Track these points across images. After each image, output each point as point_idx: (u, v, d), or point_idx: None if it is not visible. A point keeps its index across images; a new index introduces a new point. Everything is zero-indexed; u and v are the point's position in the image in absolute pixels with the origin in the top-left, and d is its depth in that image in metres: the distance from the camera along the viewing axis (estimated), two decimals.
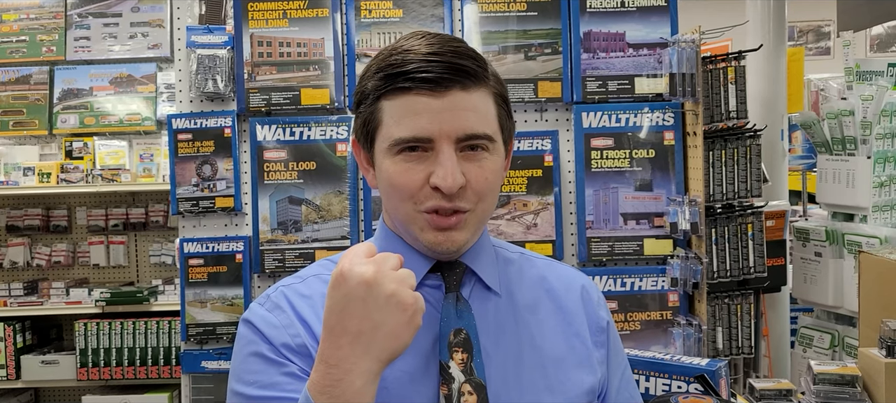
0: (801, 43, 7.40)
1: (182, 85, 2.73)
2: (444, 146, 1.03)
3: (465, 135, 1.04)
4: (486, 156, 1.06)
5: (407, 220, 1.08)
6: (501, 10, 2.67)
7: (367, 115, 1.09)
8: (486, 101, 1.07)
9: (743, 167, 2.52)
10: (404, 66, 1.04)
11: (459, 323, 1.08)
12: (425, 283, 1.11)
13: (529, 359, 1.10)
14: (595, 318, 1.18)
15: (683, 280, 2.53)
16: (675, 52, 2.52)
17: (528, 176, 2.64)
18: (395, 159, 1.06)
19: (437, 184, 1.02)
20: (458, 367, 1.06)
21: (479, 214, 1.08)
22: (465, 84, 1.04)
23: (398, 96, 1.05)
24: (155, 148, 4.12)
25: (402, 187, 1.05)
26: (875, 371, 1.97)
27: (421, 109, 1.03)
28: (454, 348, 1.06)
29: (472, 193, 1.05)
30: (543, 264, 1.21)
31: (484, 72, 1.07)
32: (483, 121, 1.06)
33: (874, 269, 2.29)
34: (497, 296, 1.14)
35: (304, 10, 2.68)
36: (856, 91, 2.82)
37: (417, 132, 1.03)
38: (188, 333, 2.66)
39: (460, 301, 1.09)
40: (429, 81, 1.03)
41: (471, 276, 1.13)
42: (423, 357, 1.06)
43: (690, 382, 1.88)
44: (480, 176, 1.05)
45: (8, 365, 4.01)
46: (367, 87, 1.09)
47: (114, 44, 4.20)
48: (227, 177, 2.67)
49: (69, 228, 4.33)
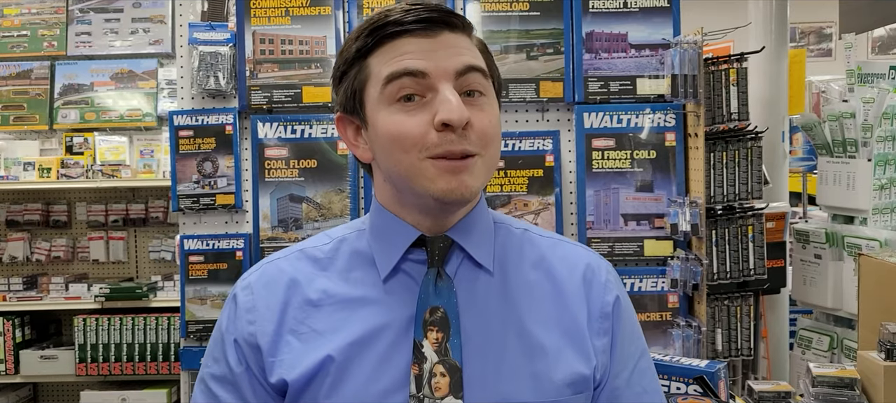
0: (802, 44, 7.40)
1: (184, 81, 2.73)
2: (443, 84, 0.99)
3: (464, 66, 1.01)
4: (484, 100, 1.03)
5: (412, 174, 1.01)
6: (504, 10, 2.66)
7: (353, 77, 1.05)
8: (473, 47, 1.06)
9: (744, 169, 2.52)
10: (389, 18, 1.01)
11: (437, 301, 1.03)
12: (409, 257, 1.06)
13: (514, 343, 1.04)
14: (599, 303, 1.09)
15: (683, 281, 2.53)
16: (677, 54, 2.52)
17: (529, 176, 2.64)
18: (392, 109, 1.01)
19: (444, 118, 0.97)
20: (432, 346, 1.01)
21: (487, 161, 1.02)
22: (453, 26, 1.03)
23: (386, 44, 1.02)
24: (155, 144, 4.11)
25: (405, 135, 0.99)
26: (874, 374, 1.97)
27: (412, 48, 1.00)
28: (429, 326, 1.02)
29: (476, 137, 1.00)
30: (547, 244, 1.13)
31: (467, 22, 1.06)
32: (476, 57, 1.04)
33: (874, 272, 2.29)
34: (488, 274, 1.07)
35: (306, 8, 2.68)
36: (857, 93, 2.82)
37: (411, 66, 0.99)
38: (188, 330, 2.67)
39: (441, 277, 1.04)
40: (418, 22, 1.00)
41: (460, 252, 1.07)
42: (398, 334, 1.03)
43: (689, 383, 1.88)
44: (484, 119, 1.01)
45: (7, 360, 4.01)
46: (351, 52, 1.05)
47: (115, 39, 4.20)
48: (227, 175, 2.67)
49: (69, 223, 4.33)
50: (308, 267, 1.08)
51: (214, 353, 1.09)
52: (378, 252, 1.07)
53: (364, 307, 1.05)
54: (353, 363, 1.01)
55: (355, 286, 1.06)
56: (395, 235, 1.06)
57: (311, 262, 1.09)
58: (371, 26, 1.03)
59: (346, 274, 1.07)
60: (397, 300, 1.04)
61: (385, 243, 1.07)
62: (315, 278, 1.07)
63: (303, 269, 1.08)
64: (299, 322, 1.04)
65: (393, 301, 1.04)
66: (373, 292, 1.05)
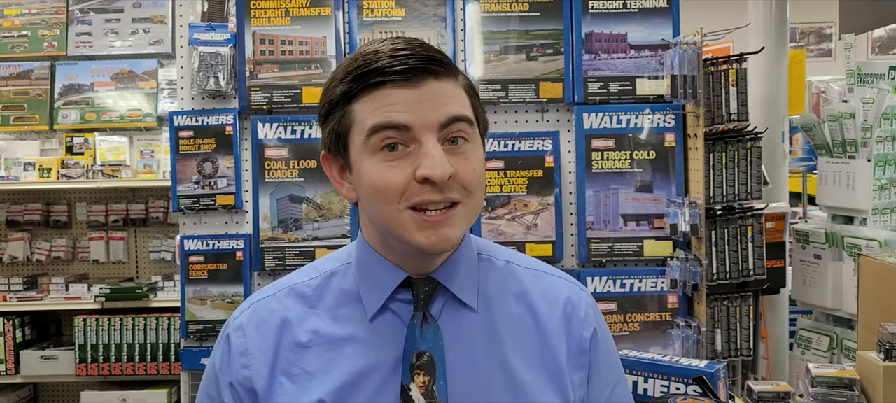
0: (802, 45, 7.40)
1: (184, 82, 2.73)
2: (426, 137, 0.99)
3: (448, 118, 1.00)
4: (469, 147, 1.03)
5: (393, 224, 1.02)
6: (503, 10, 2.67)
7: (338, 121, 1.05)
8: (459, 91, 1.05)
9: (743, 169, 2.53)
10: (374, 64, 1.01)
11: (423, 345, 1.05)
12: (396, 298, 1.08)
13: (498, 380, 1.06)
14: (577, 339, 1.11)
15: (683, 281, 2.53)
16: (677, 54, 2.52)
17: (529, 176, 2.64)
18: (375, 158, 1.01)
19: (426, 174, 0.98)
20: (419, 390, 1.03)
21: (469, 209, 1.03)
22: (438, 73, 1.02)
23: (371, 92, 1.01)
24: (155, 144, 4.12)
25: (387, 187, 1.00)
26: (873, 374, 1.97)
27: (397, 100, 1.00)
28: (416, 370, 1.04)
29: (460, 185, 1.01)
30: (529, 277, 1.15)
31: (453, 65, 1.05)
32: (461, 105, 1.03)
33: (874, 272, 2.29)
34: (472, 312, 1.09)
35: (306, 9, 2.68)
36: (857, 93, 2.82)
37: (395, 119, 0.99)
38: (188, 330, 2.67)
39: (427, 321, 1.06)
40: (402, 73, 0.99)
41: (445, 292, 1.08)
42: (386, 377, 1.05)
43: (689, 384, 1.88)
44: (468, 167, 1.02)
45: (7, 360, 4.01)
46: (336, 94, 1.04)
47: (115, 39, 4.20)
48: (228, 175, 2.67)
49: (69, 223, 4.33)
50: (297, 306, 1.10)
51: (210, 391, 1.12)
52: (365, 290, 1.09)
53: (351, 345, 1.07)
54: None
55: (343, 325, 1.08)
56: (381, 275, 1.08)
57: (300, 300, 1.11)
58: (356, 70, 1.02)
59: (334, 312, 1.09)
60: (384, 340, 1.06)
61: (372, 282, 1.09)
62: (305, 317, 1.09)
63: (292, 308, 1.10)
64: (291, 364, 1.07)
65: (380, 341, 1.06)
66: (360, 331, 1.07)
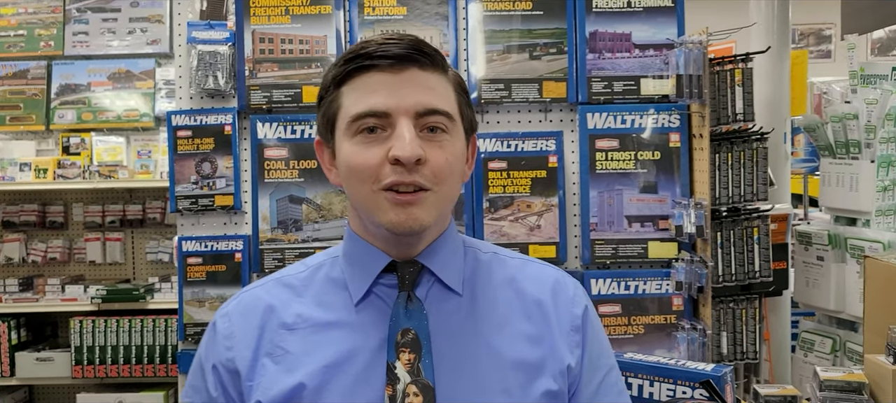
0: (802, 46, 7.40)
1: (182, 81, 2.70)
2: (401, 120, 1.03)
3: (424, 108, 1.04)
4: (446, 138, 1.06)
5: (367, 204, 1.06)
6: (506, 9, 2.64)
7: (328, 105, 1.09)
8: (444, 85, 1.08)
9: (749, 170, 2.50)
10: (363, 50, 1.06)
11: (408, 323, 1.07)
12: (381, 282, 1.10)
13: (486, 362, 1.07)
14: (569, 317, 1.13)
15: (688, 283, 2.51)
16: (682, 54, 2.50)
17: (533, 177, 2.62)
18: (354, 141, 1.05)
19: (395, 154, 1.01)
20: (405, 368, 1.05)
21: (440, 197, 1.06)
22: (422, 64, 1.05)
23: (357, 77, 1.06)
24: (153, 144, 4.09)
25: (361, 166, 1.04)
26: (882, 377, 1.95)
27: (378, 85, 1.04)
28: (401, 348, 1.05)
29: (430, 173, 1.04)
30: (516, 264, 1.18)
31: (443, 61, 1.08)
32: (441, 98, 1.06)
33: (880, 274, 2.27)
34: (458, 297, 1.11)
35: (306, 7, 2.65)
36: (860, 94, 2.80)
37: (374, 106, 1.03)
38: (185, 332, 2.64)
39: (412, 300, 1.08)
40: (387, 58, 1.04)
41: (430, 276, 1.11)
42: (371, 359, 1.06)
43: (695, 387, 1.86)
44: (440, 156, 1.04)
45: (2, 362, 3.98)
46: (328, 79, 1.10)
47: (112, 39, 4.17)
48: (226, 175, 2.64)
49: (65, 224, 4.30)
50: (284, 294, 1.13)
51: (194, 383, 1.13)
52: (350, 277, 1.11)
53: (337, 329, 1.08)
54: (327, 386, 1.04)
55: (328, 310, 1.10)
56: (366, 261, 1.10)
57: (288, 289, 1.14)
58: (347, 56, 1.08)
59: (319, 299, 1.11)
60: (370, 323, 1.08)
61: (357, 268, 1.11)
62: (291, 303, 1.11)
63: (279, 296, 1.13)
64: (274, 345, 1.08)
65: (365, 324, 1.08)
66: (346, 315, 1.09)
